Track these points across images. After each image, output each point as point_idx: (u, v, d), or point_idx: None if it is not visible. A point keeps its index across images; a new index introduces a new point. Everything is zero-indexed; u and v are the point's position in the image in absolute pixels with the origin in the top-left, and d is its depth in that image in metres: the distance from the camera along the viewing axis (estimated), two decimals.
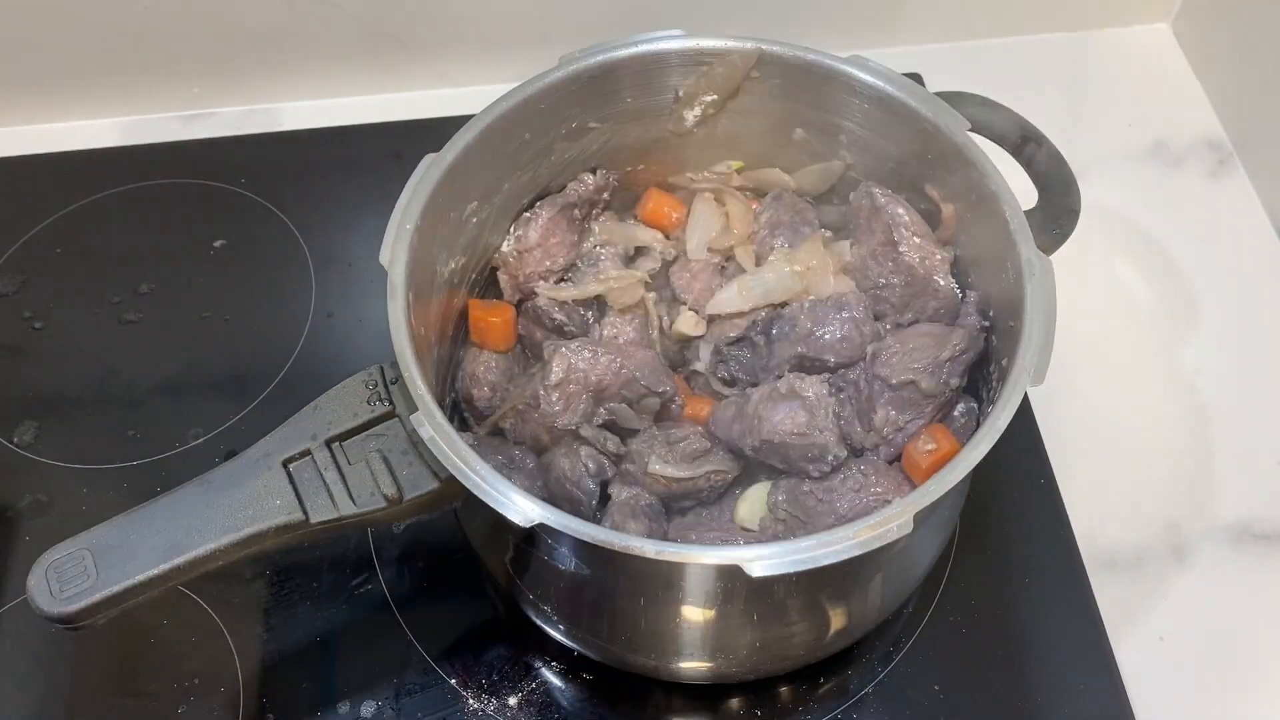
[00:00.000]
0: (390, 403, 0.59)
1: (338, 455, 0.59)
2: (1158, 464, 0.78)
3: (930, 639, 0.70)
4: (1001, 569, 0.73)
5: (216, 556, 0.56)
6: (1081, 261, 0.72)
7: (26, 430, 0.78)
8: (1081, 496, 0.75)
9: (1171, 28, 1.02)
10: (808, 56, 0.67)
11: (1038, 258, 0.60)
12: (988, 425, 0.54)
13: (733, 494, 0.66)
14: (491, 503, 0.52)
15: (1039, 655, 0.70)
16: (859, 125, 0.69)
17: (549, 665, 0.69)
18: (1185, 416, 0.81)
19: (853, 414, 0.65)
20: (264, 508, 0.57)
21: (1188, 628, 0.72)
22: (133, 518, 0.56)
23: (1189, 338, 0.84)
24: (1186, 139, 0.95)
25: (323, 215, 0.88)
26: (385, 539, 0.74)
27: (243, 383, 0.81)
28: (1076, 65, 1.00)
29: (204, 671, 0.69)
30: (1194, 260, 0.88)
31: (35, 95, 0.95)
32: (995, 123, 0.68)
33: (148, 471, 0.76)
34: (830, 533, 0.51)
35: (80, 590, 0.54)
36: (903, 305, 0.67)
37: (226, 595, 0.71)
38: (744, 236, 0.72)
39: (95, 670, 0.70)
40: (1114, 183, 0.92)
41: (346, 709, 0.67)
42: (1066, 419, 0.79)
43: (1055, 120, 0.74)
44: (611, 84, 0.68)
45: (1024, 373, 0.56)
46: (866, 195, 0.68)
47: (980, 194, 0.63)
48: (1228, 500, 0.77)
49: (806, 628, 0.62)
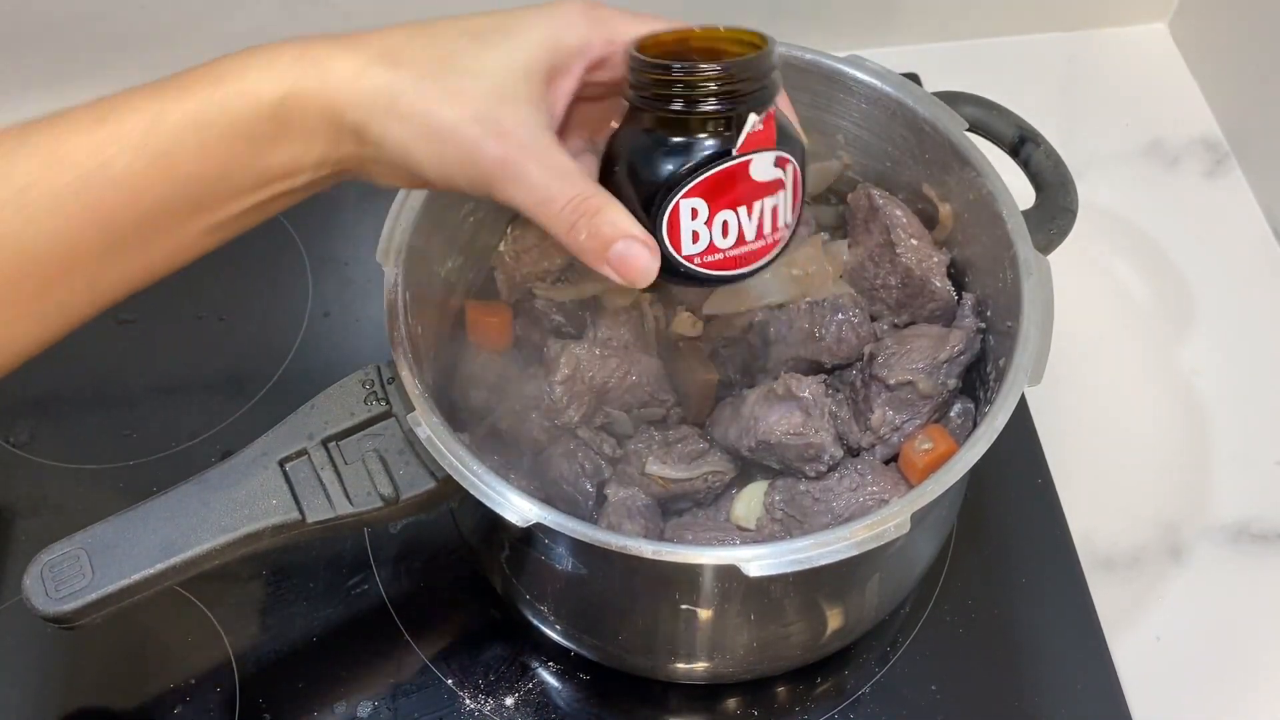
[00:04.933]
0: (387, 402, 0.59)
1: (334, 455, 0.59)
2: (1154, 464, 0.79)
3: (927, 639, 0.70)
4: (998, 569, 0.73)
5: (213, 556, 0.56)
6: (1079, 261, 0.72)
7: (22, 430, 0.78)
8: (1078, 496, 0.75)
9: (1168, 27, 1.02)
10: (805, 56, 0.67)
11: (1035, 257, 0.60)
12: (985, 425, 0.54)
13: (729, 494, 0.66)
14: (488, 502, 0.52)
15: (1036, 655, 0.70)
16: (856, 125, 0.69)
17: (546, 665, 0.69)
18: (1182, 416, 0.81)
19: (849, 414, 0.65)
20: (260, 507, 0.57)
21: (1185, 628, 0.72)
22: (129, 517, 0.56)
23: (1185, 338, 0.84)
24: (1183, 139, 0.95)
25: (319, 214, 0.88)
26: (382, 539, 0.74)
27: (239, 382, 0.80)
28: (1073, 65, 1.01)
29: (200, 672, 0.69)
30: (1190, 260, 0.88)
31: (31, 94, 0.94)
32: (992, 122, 0.68)
33: (144, 471, 0.76)
34: (827, 533, 0.51)
35: (76, 590, 0.54)
36: (899, 306, 0.67)
37: (222, 595, 0.71)
38: None
39: (91, 670, 0.70)
40: (1111, 182, 0.92)
41: (343, 709, 0.67)
42: (1064, 419, 0.79)
43: (1052, 120, 0.74)
44: None
45: (1021, 373, 0.56)
46: (864, 196, 0.68)
47: (977, 194, 0.63)
48: (1225, 500, 0.77)
49: (803, 628, 0.62)
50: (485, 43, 0.48)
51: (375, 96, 0.46)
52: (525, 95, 0.47)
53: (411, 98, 0.46)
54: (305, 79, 0.46)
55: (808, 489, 0.62)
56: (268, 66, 0.46)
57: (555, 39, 0.49)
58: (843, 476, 0.62)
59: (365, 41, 0.47)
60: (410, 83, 0.46)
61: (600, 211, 0.47)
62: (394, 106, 0.46)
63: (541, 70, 0.48)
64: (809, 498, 0.62)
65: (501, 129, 0.46)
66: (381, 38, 0.47)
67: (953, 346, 0.63)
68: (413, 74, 0.46)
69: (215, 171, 0.45)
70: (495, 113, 0.46)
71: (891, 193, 0.68)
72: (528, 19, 0.49)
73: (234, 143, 0.45)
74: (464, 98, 0.46)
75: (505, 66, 0.47)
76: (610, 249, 0.47)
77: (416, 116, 0.46)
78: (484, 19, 0.49)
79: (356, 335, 0.83)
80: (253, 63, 0.46)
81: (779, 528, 0.63)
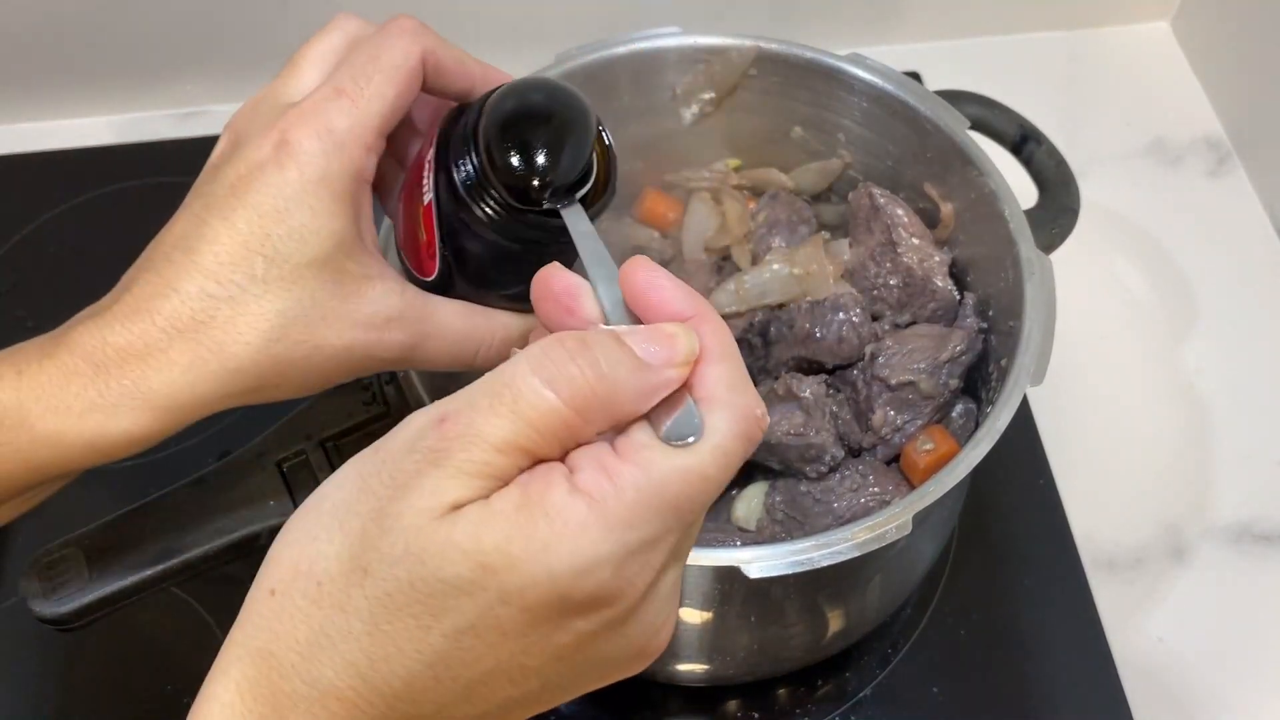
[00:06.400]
0: (385, 404, 0.59)
1: (333, 456, 0.58)
2: (1157, 464, 0.78)
3: (928, 640, 0.70)
4: (1000, 570, 0.73)
5: (210, 558, 0.56)
6: (1081, 261, 0.72)
7: None
8: (1080, 497, 0.75)
9: (1171, 26, 1.02)
10: (806, 54, 0.67)
11: (1037, 257, 0.59)
12: (987, 426, 0.54)
13: (729, 495, 0.66)
14: None
15: (1038, 656, 0.70)
16: (858, 124, 0.69)
17: None
18: (1185, 416, 0.80)
19: (850, 415, 0.64)
20: (258, 509, 0.57)
21: (1187, 629, 0.71)
22: (126, 519, 0.56)
23: (1188, 337, 0.84)
24: (1186, 138, 0.95)
25: None
26: None
27: None
28: (1076, 64, 1.00)
29: (198, 674, 0.68)
30: (1193, 260, 0.88)
31: (27, 93, 0.94)
32: (994, 121, 0.68)
33: (141, 472, 0.75)
34: (829, 534, 0.51)
35: (73, 592, 0.54)
36: (901, 306, 0.67)
37: (221, 597, 0.71)
38: (740, 235, 0.72)
39: (87, 673, 0.69)
40: (1113, 181, 0.91)
41: None
42: (1066, 419, 0.79)
43: (1054, 119, 0.73)
44: (608, 82, 0.68)
45: (1023, 373, 0.56)
46: (866, 195, 0.68)
47: (979, 193, 0.63)
48: (1227, 500, 0.76)
49: (804, 629, 0.62)
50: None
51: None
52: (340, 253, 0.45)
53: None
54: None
55: (808, 490, 0.62)
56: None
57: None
58: (844, 477, 0.62)
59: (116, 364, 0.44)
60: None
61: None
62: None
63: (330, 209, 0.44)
64: (810, 498, 0.62)
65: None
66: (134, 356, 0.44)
67: (954, 346, 0.63)
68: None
69: None
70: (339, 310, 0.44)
71: (893, 192, 0.68)
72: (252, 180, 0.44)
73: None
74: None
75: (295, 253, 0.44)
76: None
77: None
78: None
79: None
80: None
81: (780, 529, 0.63)
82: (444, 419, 0.33)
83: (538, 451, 0.33)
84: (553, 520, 0.31)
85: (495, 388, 0.33)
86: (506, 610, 0.32)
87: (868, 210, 0.67)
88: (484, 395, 0.33)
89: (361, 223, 0.46)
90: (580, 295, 0.37)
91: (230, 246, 0.44)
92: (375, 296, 0.45)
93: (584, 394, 0.33)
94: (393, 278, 0.47)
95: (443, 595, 0.32)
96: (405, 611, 0.32)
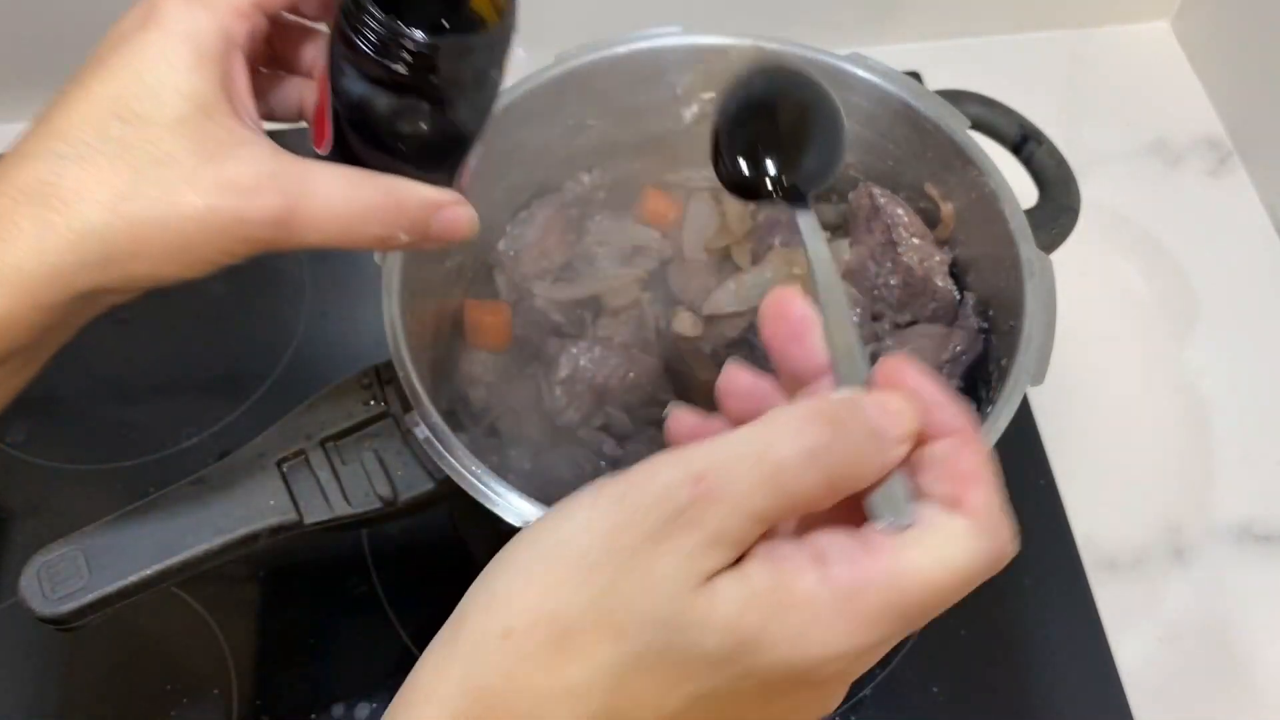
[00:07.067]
0: (385, 403, 0.59)
1: (332, 455, 0.58)
2: (1158, 464, 0.78)
3: (928, 640, 0.70)
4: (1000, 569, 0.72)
5: (210, 557, 0.56)
6: (1081, 261, 0.72)
7: (18, 430, 0.78)
8: (1081, 497, 0.75)
9: (1171, 26, 1.02)
10: (806, 54, 0.67)
11: (1038, 257, 0.59)
12: (987, 426, 0.54)
13: None
14: (487, 503, 0.52)
15: (1038, 656, 0.70)
16: (858, 123, 0.68)
17: None
18: (1186, 416, 0.80)
19: None
20: (258, 508, 0.56)
21: (1188, 629, 0.71)
22: (125, 518, 0.56)
23: (1189, 337, 0.84)
24: (1186, 137, 0.95)
25: None
26: (379, 540, 0.73)
27: (236, 382, 0.80)
28: (1076, 63, 1.00)
29: (197, 673, 0.69)
30: (1194, 259, 0.88)
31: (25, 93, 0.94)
32: (995, 121, 0.68)
33: (141, 472, 0.76)
34: None
35: (72, 591, 0.54)
36: (901, 306, 0.67)
37: (220, 596, 0.71)
38: (740, 235, 0.72)
39: (87, 672, 0.69)
40: (1114, 181, 0.91)
41: (341, 711, 0.67)
42: (1066, 419, 0.79)
43: (1055, 118, 0.73)
44: (609, 81, 0.68)
45: (1024, 373, 0.56)
46: (866, 195, 0.67)
47: (980, 193, 0.63)
48: (1228, 501, 0.76)
49: None
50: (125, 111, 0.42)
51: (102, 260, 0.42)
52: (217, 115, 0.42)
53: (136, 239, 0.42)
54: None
55: None
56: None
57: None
58: None
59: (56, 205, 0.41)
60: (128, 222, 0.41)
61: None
62: (133, 254, 0.42)
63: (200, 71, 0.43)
64: None
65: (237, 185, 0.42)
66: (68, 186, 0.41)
67: (955, 346, 0.63)
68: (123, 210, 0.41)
69: None
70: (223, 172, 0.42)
71: (893, 191, 0.68)
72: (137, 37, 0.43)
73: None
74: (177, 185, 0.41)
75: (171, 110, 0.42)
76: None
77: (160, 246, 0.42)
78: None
79: (354, 335, 0.83)
80: None
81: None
82: (700, 479, 0.32)
83: (783, 520, 0.34)
84: (803, 610, 0.32)
85: (756, 451, 0.32)
86: (747, 684, 0.33)
87: (868, 210, 0.67)
88: (741, 460, 0.32)
89: (232, 88, 0.44)
90: (813, 331, 0.36)
91: (84, 109, 0.42)
92: (242, 157, 0.42)
93: (839, 473, 0.33)
94: (265, 144, 0.43)
95: (693, 663, 0.32)
96: (654, 673, 0.33)
